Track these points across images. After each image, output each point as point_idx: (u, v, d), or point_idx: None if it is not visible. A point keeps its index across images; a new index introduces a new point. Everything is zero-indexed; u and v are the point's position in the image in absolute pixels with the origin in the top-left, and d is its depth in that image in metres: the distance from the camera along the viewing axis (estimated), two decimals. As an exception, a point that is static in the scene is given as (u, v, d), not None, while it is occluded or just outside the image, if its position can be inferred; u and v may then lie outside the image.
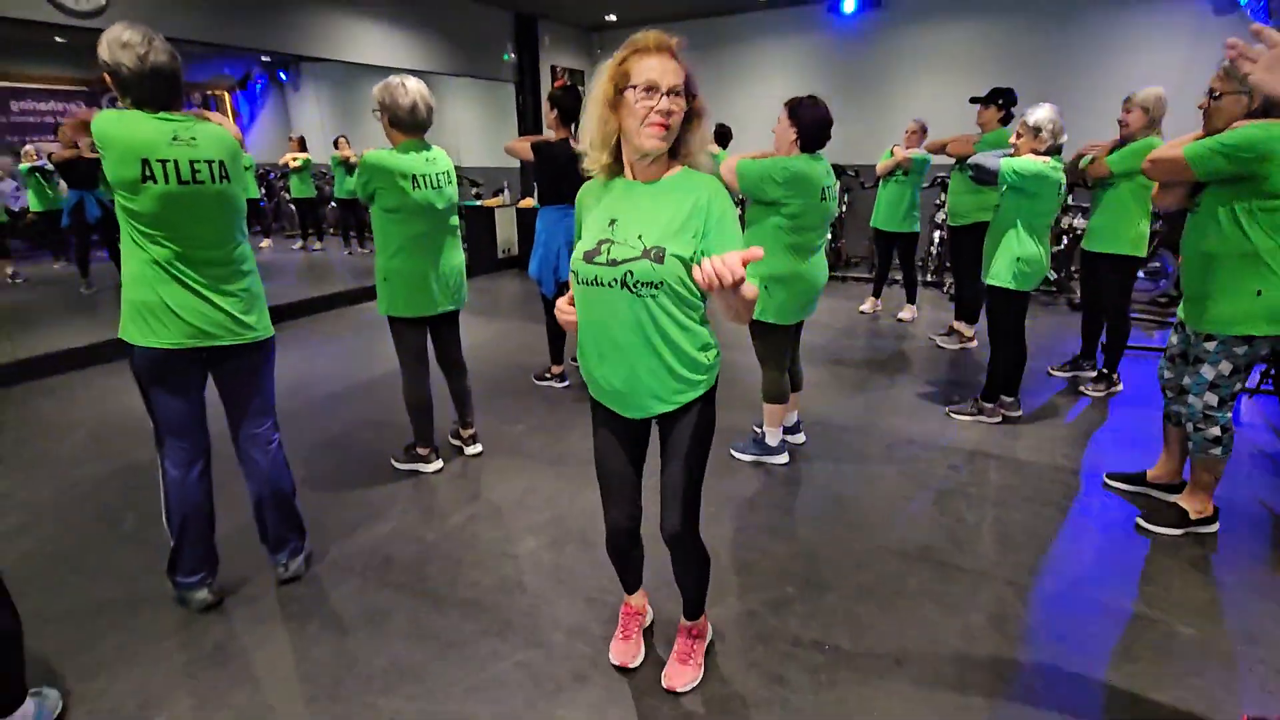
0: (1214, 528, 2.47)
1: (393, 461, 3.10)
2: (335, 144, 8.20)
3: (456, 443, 3.25)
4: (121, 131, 1.78)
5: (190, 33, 4.88)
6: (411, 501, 2.81)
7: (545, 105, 3.72)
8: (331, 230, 10.19)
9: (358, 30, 6.08)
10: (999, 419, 3.49)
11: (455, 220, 2.88)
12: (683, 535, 1.61)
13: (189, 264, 1.90)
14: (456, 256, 2.89)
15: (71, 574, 2.34)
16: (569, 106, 3.70)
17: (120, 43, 1.77)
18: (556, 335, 4.02)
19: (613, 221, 1.42)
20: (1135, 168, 3.32)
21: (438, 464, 3.05)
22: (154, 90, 1.83)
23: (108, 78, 1.82)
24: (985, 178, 3.18)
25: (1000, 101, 4.39)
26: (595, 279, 1.40)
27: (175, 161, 1.83)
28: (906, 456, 3.15)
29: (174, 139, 1.84)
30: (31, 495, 2.89)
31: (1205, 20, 5.88)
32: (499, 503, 2.79)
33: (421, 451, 3.03)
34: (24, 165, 7.27)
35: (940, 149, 4.77)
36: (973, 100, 4.54)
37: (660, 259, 1.36)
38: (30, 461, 3.22)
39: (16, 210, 7.91)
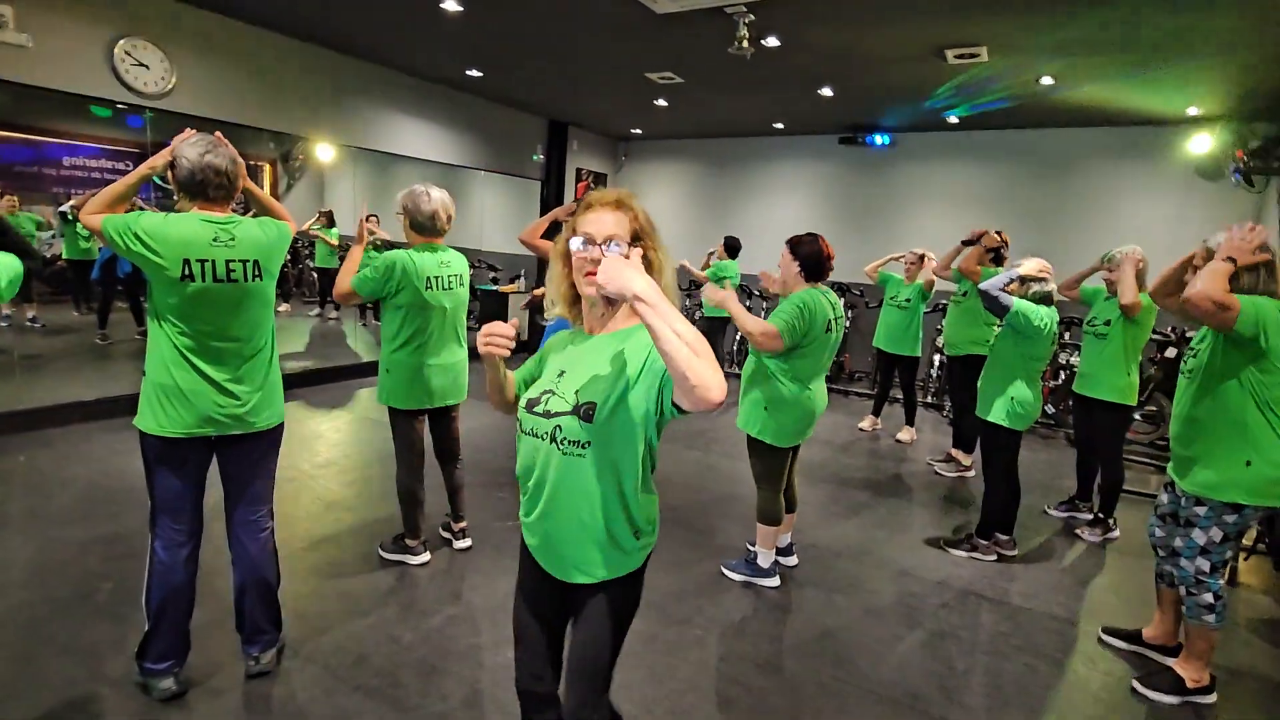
0: (1212, 698, 2.40)
1: (380, 550, 3.07)
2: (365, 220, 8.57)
3: (447, 535, 3.23)
4: (168, 232, 1.90)
5: (247, 118, 5.24)
6: (393, 596, 2.76)
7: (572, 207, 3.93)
8: (349, 300, 10.44)
9: (400, 125, 6.51)
10: (994, 557, 3.45)
11: (463, 319, 2.99)
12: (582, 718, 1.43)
13: (209, 354, 1.98)
14: (459, 354, 2.98)
15: (39, 645, 2.29)
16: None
17: (188, 142, 1.95)
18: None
19: (562, 373, 1.38)
20: (1146, 325, 3.54)
21: (425, 556, 3.02)
22: (205, 186, 1.98)
23: (169, 172, 1.97)
24: (993, 308, 3.22)
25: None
26: (532, 430, 1.36)
27: (213, 261, 1.95)
28: (899, 591, 3.10)
29: (215, 240, 1.97)
30: (10, 554, 2.85)
31: (1192, 180, 6.24)
32: (480, 605, 2.73)
33: (410, 543, 3.00)
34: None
35: (947, 265, 4.87)
36: (963, 243, 4.76)
37: (589, 416, 1.28)
38: (16, 517, 3.20)
39: (49, 256, 8.20)
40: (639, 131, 8.61)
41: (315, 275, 9.78)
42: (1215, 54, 4.33)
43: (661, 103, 6.74)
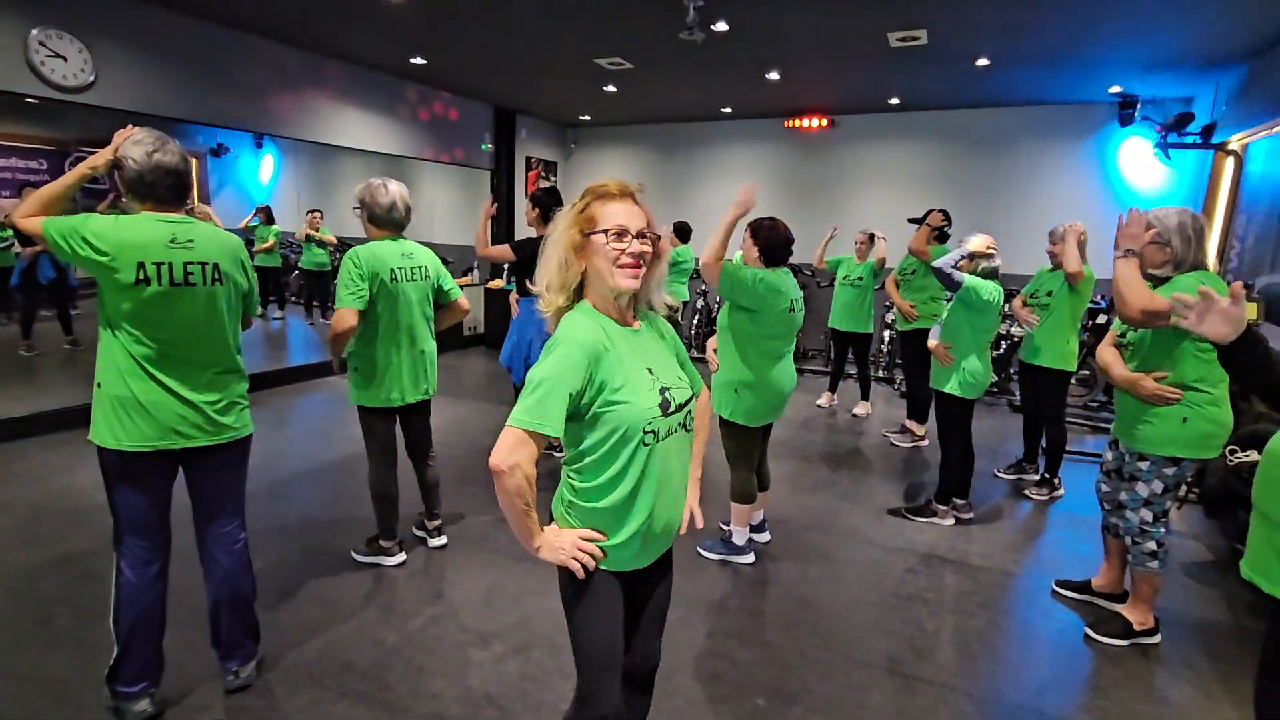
0: (1156, 639, 2.60)
1: (353, 554, 3.01)
2: (309, 215, 8.28)
3: (421, 534, 3.20)
4: (120, 235, 1.81)
5: (175, 111, 4.97)
6: (372, 599, 2.72)
7: (527, 204, 3.89)
8: (294, 299, 10.10)
9: (341, 115, 6.28)
10: (952, 521, 3.62)
11: (429, 311, 2.94)
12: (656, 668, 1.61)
13: (169, 362, 1.90)
14: (428, 344, 2.94)
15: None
16: (550, 205, 3.87)
17: (132, 140, 1.85)
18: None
19: (650, 369, 1.38)
20: (1085, 294, 3.77)
21: (401, 557, 2.98)
22: (156, 187, 1.89)
23: (115, 173, 1.87)
24: (947, 284, 3.37)
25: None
26: (669, 430, 1.37)
27: (170, 264, 1.87)
28: (868, 558, 3.23)
29: (171, 241, 1.88)
30: (-47, 585, 2.69)
31: (1115, 156, 6.60)
32: (463, 601, 2.73)
33: (385, 544, 2.96)
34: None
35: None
36: (910, 220, 4.93)
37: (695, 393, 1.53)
38: (-46, 546, 3.00)
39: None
40: (588, 118, 8.54)
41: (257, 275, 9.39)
42: (1129, 37, 4.58)
43: (611, 89, 6.70)
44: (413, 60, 6.00)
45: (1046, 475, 4.08)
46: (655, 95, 7.00)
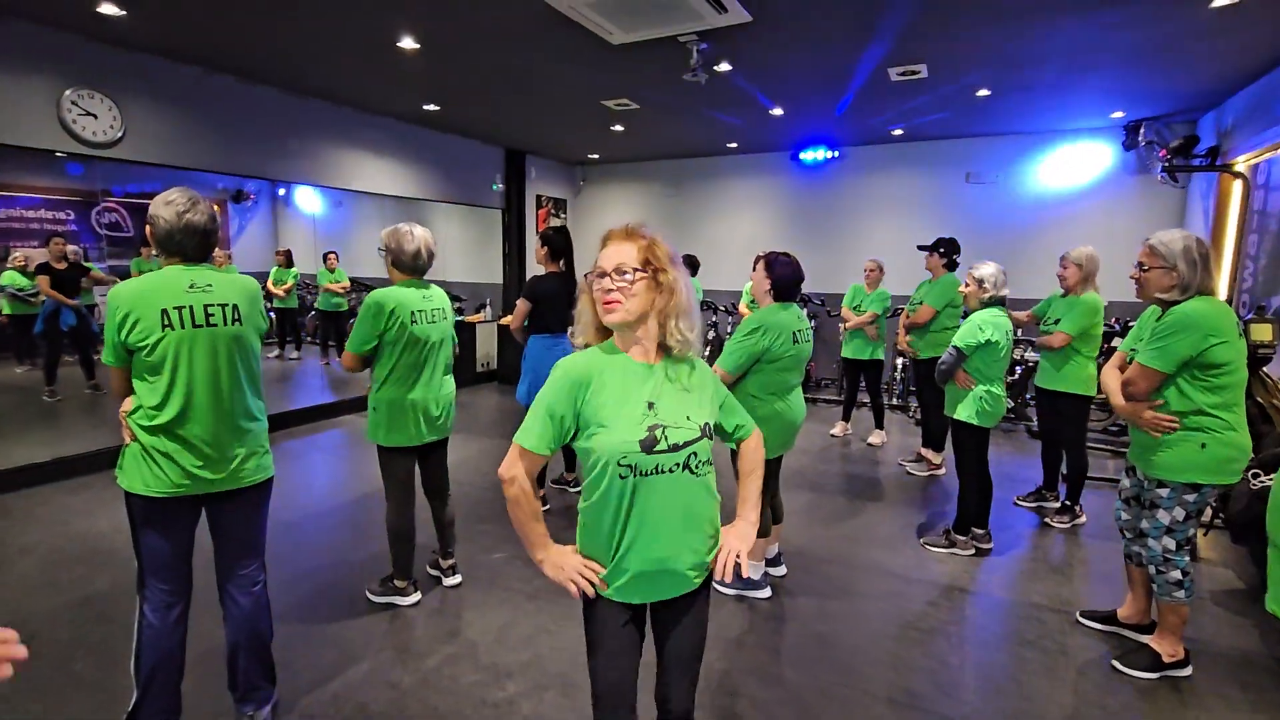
0: (1187, 671, 2.52)
1: (368, 594, 3.01)
2: (325, 259, 8.46)
3: (435, 573, 3.19)
4: (142, 292, 1.89)
5: (199, 163, 5.16)
6: (387, 640, 2.72)
7: (537, 243, 3.97)
8: (310, 339, 10.25)
9: (356, 161, 6.46)
10: (971, 551, 3.56)
11: (448, 353, 3.00)
12: (689, 713, 1.59)
13: (193, 411, 1.94)
14: (447, 387, 2.98)
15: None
16: (559, 245, 3.95)
17: (165, 200, 1.93)
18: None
19: (652, 404, 1.41)
20: (1086, 325, 3.73)
21: (416, 596, 2.98)
22: (184, 245, 1.96)
23: (147, 229, 1.95)
24: (951, 369, 3.41)
25: (943, 250, 4.83)
26: (655, 468, 1.39)
27: (190, 307, 1.93)
28: (887, 591, 3.18)
29: (190, 286, 1.95)
30: (-24, 631, 2.71)
31: (1121, 179, 6.63)
32: (477, 641, 2.71)
33: (399, 584, 2.96)
34: (8, 271, 7.27)
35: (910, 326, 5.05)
36: (920, 248, 4.97)
37: (712, 435, 1.49)
38: (-23, 591, 3.04)
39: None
40: (596, 156, 8.73)
41: (273, 315, 9.57)
42: (1130, 62, 4.65)
43: (618, 128, 6.86)
44: (425, 107, 6.19)
45: (1067, 502, 4.02)
46: (661, 133, 7.15)
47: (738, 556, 1.47)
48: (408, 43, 4.38)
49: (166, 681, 2.00)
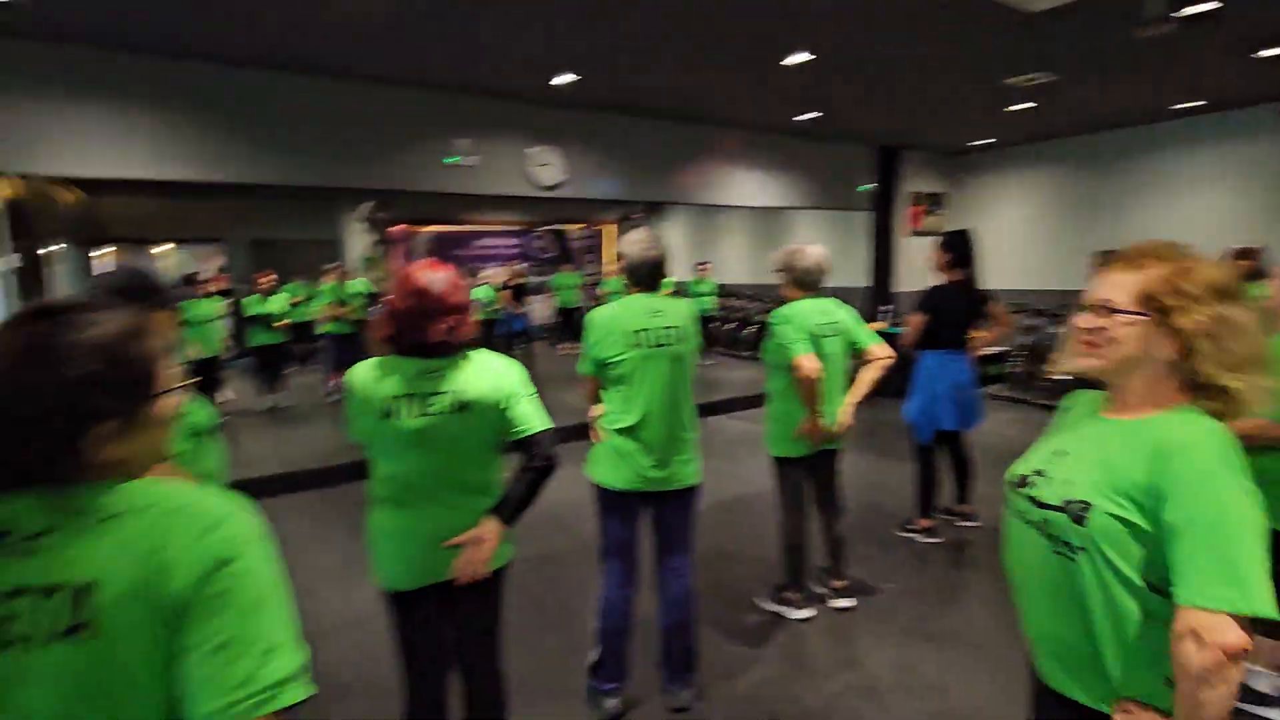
0: None
1: (756, 600, 3.13)
2: (698, 267, 9.30)
3: (821, 590, 3.16)
4: (615, 316, 2.23)
5: (615, 195, 6.10)
6: (783, 650, 2.77)
7: (935, 248, 3.65)
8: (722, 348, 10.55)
9: (727, 177, 6.84)
10: None
11: (845, 365, 2.92)
12: None
13: (649, 419, 2.23)
14: (841, 398, 2.92)
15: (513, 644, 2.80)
16: (962, 251, 3.57)
17: (632, 240, 2.27)
18: (929, 484, 3.73)
19: (1058, 453, 1.16)
20: None
21: (808, 612, 2.99)
22: (642, 276, 2.29)
23: (619, 258, 2.32)
24: None
25: None
26: (1016, 512, 1.18)
27: (650, 330, 2.22)
28: None
29: (650, 312, 2.25)
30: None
31: None
32: (876, 676, 2.58)
33: (791, 596, 3.01)
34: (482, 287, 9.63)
35: None
36: None
37: (1080, 519, 1.04)
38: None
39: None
40: (983, 142, 7.76)
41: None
42: None
43: (1018, 107, 5.96)
44: (798, 118, 6.25)
45: None
46: (1079, 104, 5.98)
47: None
48: (797, 56, 4.45)
49: (619, 647, 2.35)
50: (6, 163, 3.95)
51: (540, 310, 11.82)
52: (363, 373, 1.69)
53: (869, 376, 2.89)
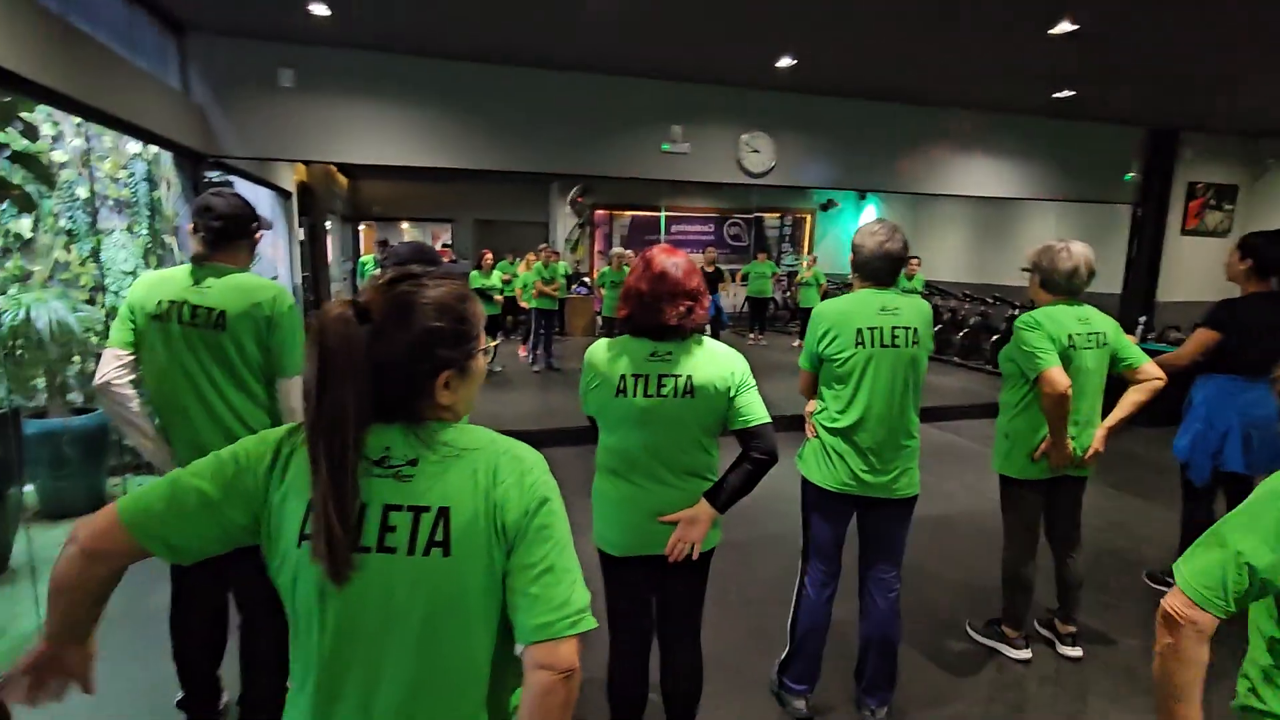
0: None
1: (969, 629, 2.85)
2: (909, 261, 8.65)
3: (1047, 633, 2.81)
4: (844, 311, 2.11)
5: (828, 181, 5.87)
6: (995, 689, 2.50)
7: (1234, 254, 3.00)
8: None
9: (958, 164, 6.22)
10: None
11: (1101, 381, 2.53)
12: None
13: (869, 421, 2.10)
14: (1096, 417, 2.53)
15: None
16: (1270, 256, 2.91)
17: (869, 231, 2.14)
18: (1198, 533, 3.11)
19: None
20: None
21: (1027, 653, 2.66)
22: (877, 270, 2.14)
23: (854, 254, 2.19)
24: None
25: None
26: None
27: (881, 329, 2.08)
28: None
29: (882, 309, 2.10)
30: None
31: None
32: (1113, 742, 2.24)
33: (1009, 633, 2.70)
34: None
35: None
36: None
37: None
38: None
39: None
40: (1294, 120, 6.25)
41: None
42: None
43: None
44: (1055, 95, 5.48)
45: None
46: None
47: None
48: (1064, 25, 3.89)
49: (813, 647, 2.27)
50: (300, 152, 4.78)
51: (730, 298, 11.81)
52: (600, 351, 1.78)
53: (1134, 399, 2.47)
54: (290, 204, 7.28)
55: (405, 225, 15.03)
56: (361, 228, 13.95)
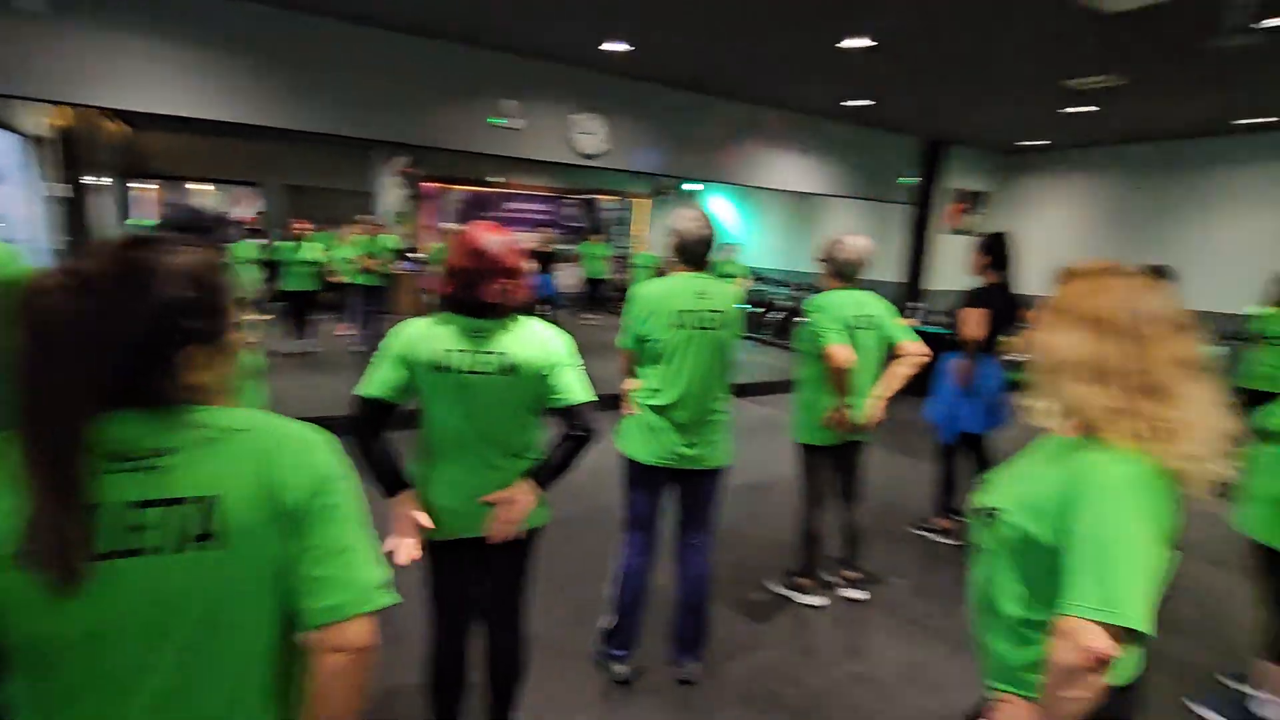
0: None
1: (765, 582, 3.16)
2: (725, 249, 9.21)
3: (833, 579, 3.20)
4: (662, 295, 2.24)
5: (657, 169, 6.06)
6: (790, 635, 2.82)
7: (976, 252, 3.59)
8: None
9: (768, 160, 6.75)
10: None
11: (876, 360, 2.90)
12: None
13: (684, 399, 2.24)
14: (869, 391, 2.91)
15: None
16: (1001, 253, 3.52)
17: (689, 217, 2.27)
18: (949, 485, 3.73)
19: (1016, 461, 1.25)
20: None
21: (819, 600, 3.03)
22: (693, 254, 2.29)
23: (673, 239, 2.31)
24: None
25: None
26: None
27: (695, 311, 2.23)
28: None
29: (698, 293, 2.25)
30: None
31: None
32: (883, 669, 2.62)
33: (803, 582, 3.05)
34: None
35: None
36: None
37: (990, 525, 1.16)
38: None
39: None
40: (1034, 143, 7.57)
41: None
42: None
43: (1077, 109, 5.79)
44: (848, 103, 6.12)
45: None
46: (1140, 112, 5.81)
47: None
48: (858, 41, 4.35)
49: (633, 616, 2.40)
50: (58, 91, 4.01)
51: (566, 278, 11.83)
52: (416, 327, 1.72)
53: (901, 371, 2.87)
54: (43, 153, 6.07)
55: (201, 187, 13.08)
56: (149, 189, 11.93)
